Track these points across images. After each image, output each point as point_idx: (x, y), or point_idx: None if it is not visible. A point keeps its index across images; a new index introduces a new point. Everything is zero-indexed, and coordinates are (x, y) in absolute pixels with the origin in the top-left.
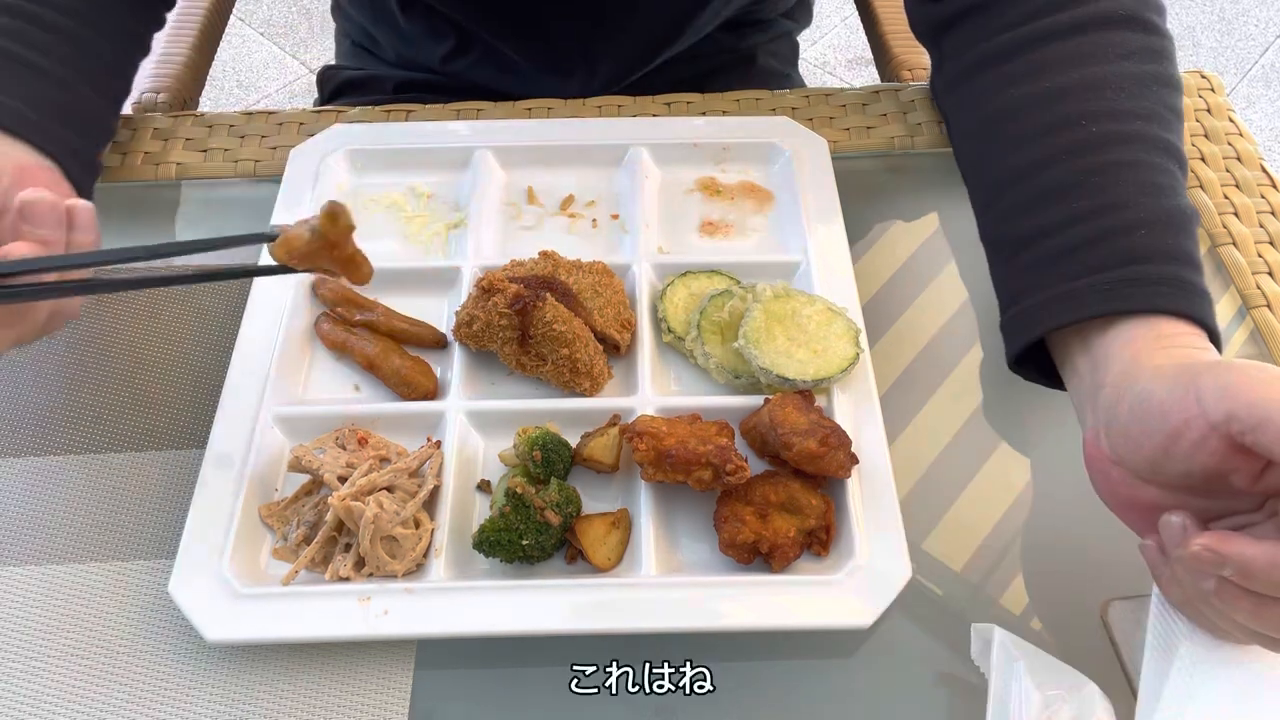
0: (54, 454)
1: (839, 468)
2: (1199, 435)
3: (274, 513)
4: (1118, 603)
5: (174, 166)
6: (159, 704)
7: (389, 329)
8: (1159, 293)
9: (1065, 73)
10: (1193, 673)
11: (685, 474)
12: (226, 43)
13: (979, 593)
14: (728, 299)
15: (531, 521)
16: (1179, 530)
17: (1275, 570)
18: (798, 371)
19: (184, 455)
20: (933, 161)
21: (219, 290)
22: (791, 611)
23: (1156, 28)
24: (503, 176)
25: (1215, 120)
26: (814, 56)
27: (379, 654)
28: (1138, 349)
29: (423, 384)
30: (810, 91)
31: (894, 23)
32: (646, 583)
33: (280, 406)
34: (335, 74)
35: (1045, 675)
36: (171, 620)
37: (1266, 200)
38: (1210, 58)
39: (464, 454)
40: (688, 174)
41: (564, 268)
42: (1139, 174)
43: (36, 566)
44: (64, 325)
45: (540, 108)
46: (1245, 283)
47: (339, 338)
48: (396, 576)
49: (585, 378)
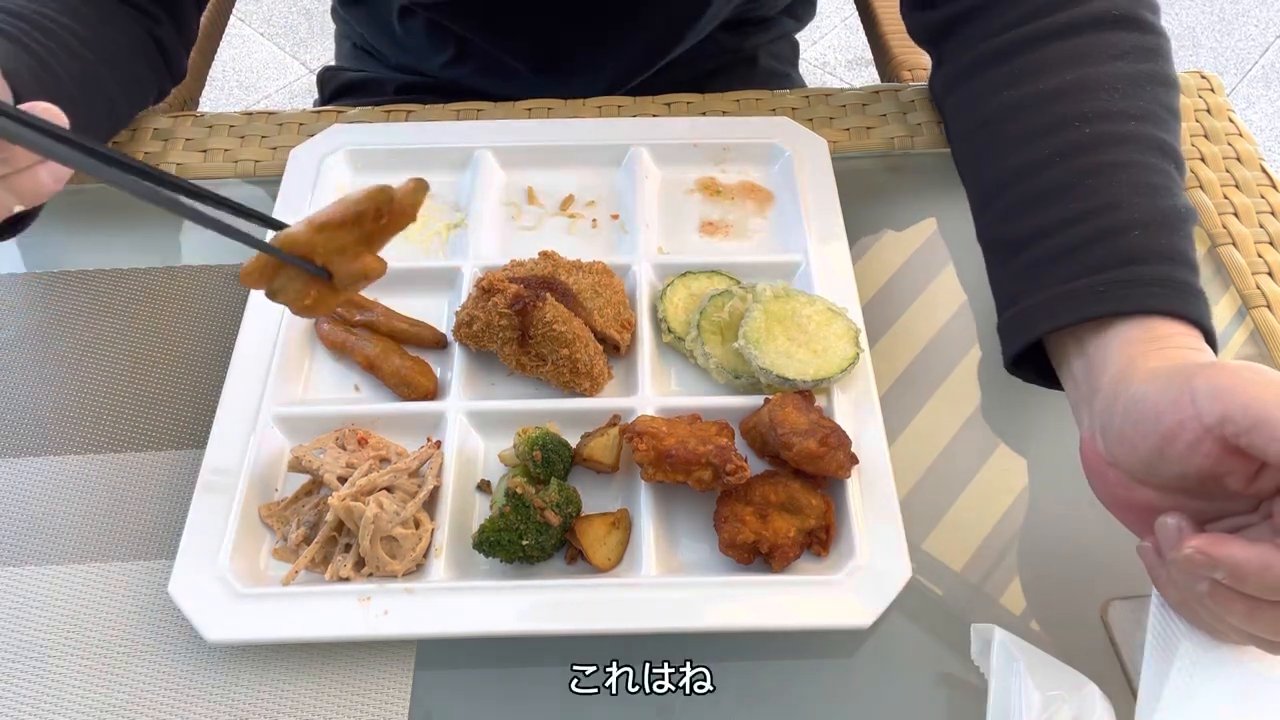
0: (54, 454)
1: (839, 468)
2: (1193, 437)
3: (274, 513)
4: (1118, 603)
5: (174, 167)
6: (159, 704)
7: (389, 329)
8: (1154, 294)
9: (1060, 74)
10: (1193, 673)
11: (685, 474)
12: (226, 43)
13: (979, 593)
14: (728, 299)
15: (531, 521)
16: (1174, 532)
17: (1267, 573)
18: (798, 371)
19: (184, 455)
20: (933, 161)
21: (219, 290)
22: (791, 611)
23: (1152, 26)
24: (503, 177)
25: (1215, 120)
26: (814, 56)
27: (379, 654)
28: (1133, 351)
29: (423, 384)
30: (810, 91)
31: (894, 23)
32: (646, 583)
33: (280, 406)
34: (336, 75)
35: (1045, 675)
36: (171, 620)
37: (1266, 200)
38: (1210, 58)
39: (464, 454)
40: (688, 174)
41: (564, 268)
42: (1134, 174)
43: (36, 566)
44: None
45: (540, 108)
46: (1245, 283)
47: (339, 338)
48: (396, 576)
49: (585, 378)
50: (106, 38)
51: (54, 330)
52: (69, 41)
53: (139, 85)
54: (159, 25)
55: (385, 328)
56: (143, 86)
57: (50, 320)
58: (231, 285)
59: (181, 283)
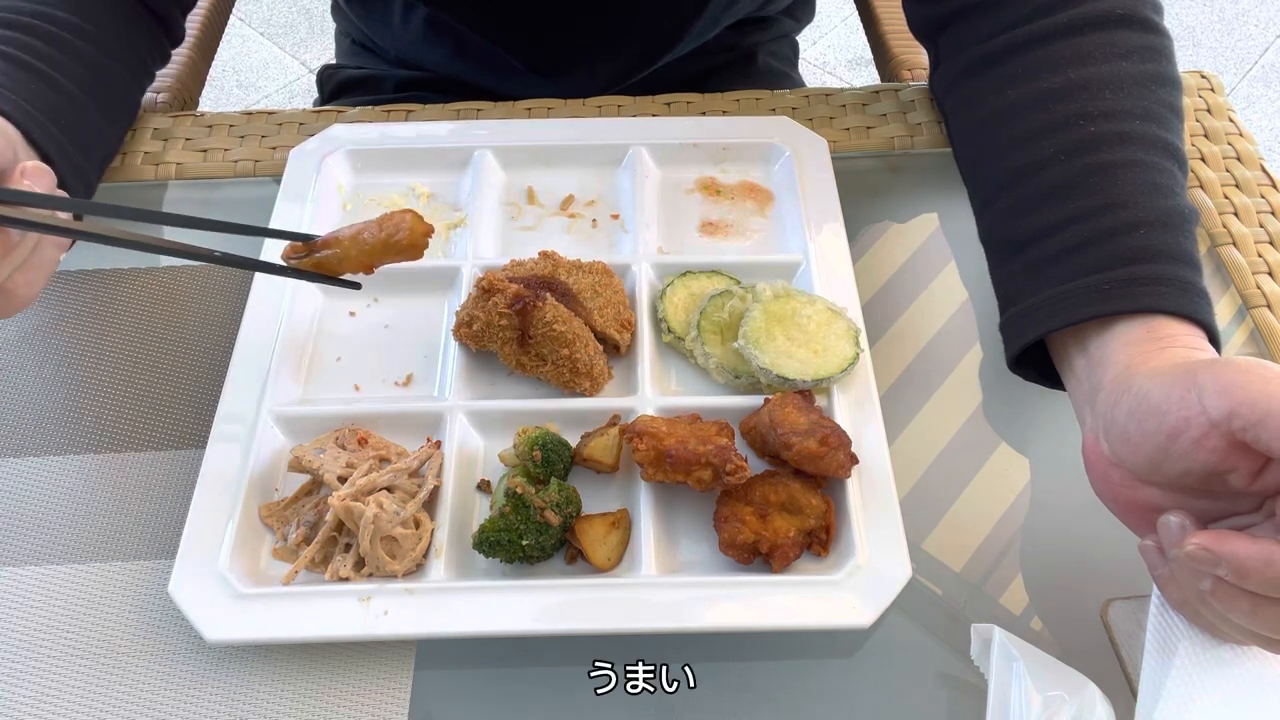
0: (54, 454)
1: (839, 468)
2: (1198, 433)
3: (274, 513)
4: (1118, 603)
5: (174, 166)
6: (159, 704)
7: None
8: (1156, 293)
9: (1063, 73)
10: (1193, 673)
11: (685, 474)
12: (226, 43)
13: (979, 593)
14: (728, 299)
15: (531, 521)
16: (1176, 530)
17: (1270, 570)
18: (798, 371)
19: (184, 455)
20: (933, 161)
21: (219, 290)
22: (791, 611)
23: (1155, 26)
24: (503, 176)
25: (1215, 120)
26: (814, 56)
27: (379, 654)
28: (1135, 350)
29: (418, 226)
30: (810, 91)
31: (894, 23)
32: (646, 583)
33: (280, 406)
34: (335, 73)
35: (1045, 676)
36: (171, 620)
37: (1266, 200)
38: (1210, 58)
39: (464, 454)
40: (688, 174)
41: (564, 268)
42: (1137, 174)
43: (37, 566)
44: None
45: (540, 108)
46: (1245, 283)
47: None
48: (396, 576)
49: (585, 378)
50: (104, 23)
51: (54, 330)
52: (70, 41)
53: (144, 65)
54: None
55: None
56: (148, 62)
57: (50, 320)
58: (232, 285)
59: (181, 283)
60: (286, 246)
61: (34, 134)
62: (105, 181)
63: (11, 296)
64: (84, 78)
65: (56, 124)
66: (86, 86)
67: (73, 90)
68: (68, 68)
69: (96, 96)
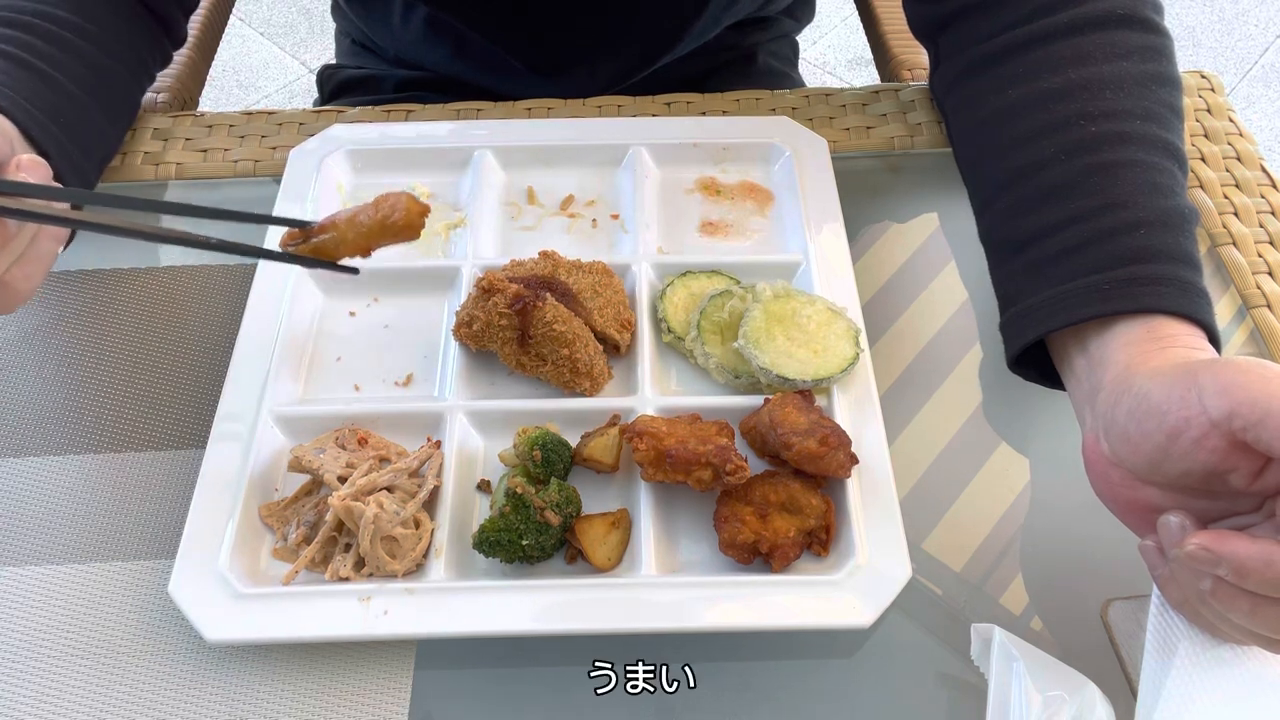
0: (54, 454)
1: (839, 468)
2: (1199, 433)
3: (274, 513)
4: (1118, 603)
5: (174, 166)
6: (159, 704)
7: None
8: (1157, 293)
9: (1063, 73)
10: (1193, 673)
11: (685, 474)
12: (226, 43)
13: (979, 593)
14: (728, 299)
15: (531, 521)
16: (1176, 530)
17: (1270, 570)
18: (798, 371)
19: (184, 455)
20: (933, 161)
21: (219, 290)
22: (791, 611)
23: (1155, 26)
24: (503, 176)
25: (1215, 120)
26: (814, 56)
27: (379, 654)
28: (1135, 350)
29: (413, 207)
30: (810, 91)
31: (894, 23)
32: (646, 583)
33: (280, 406)
34: (335, 73)
35: (1045, 676)
36: (171, 620)
37: (1266, 200)
38: (1210, 58)
39: (464, 454)
40: (688, 174)
41: (564, 268)
42: (1137, 174)
43: (36, 566)
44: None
45: (540, 108)
46: (1245, 283)
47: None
48: (396, 576)
49: (585, 378)
50: (106, 23)
51: (54, 330)
52: (70, 40)
53: (145, 66)
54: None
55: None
56: (149, 63)
57: (50, 320)
58: (232, 285)
59: (181, 283)
60: (284, 233)
61: (33, 132)
62: (105, 181)
63: (10, 290)
64: (84, 77)
65: (56, 122)
66: (87, 86)
67: (73, 89)
68: (68, 67)
69: (97, 96)
